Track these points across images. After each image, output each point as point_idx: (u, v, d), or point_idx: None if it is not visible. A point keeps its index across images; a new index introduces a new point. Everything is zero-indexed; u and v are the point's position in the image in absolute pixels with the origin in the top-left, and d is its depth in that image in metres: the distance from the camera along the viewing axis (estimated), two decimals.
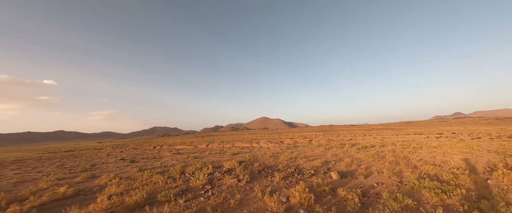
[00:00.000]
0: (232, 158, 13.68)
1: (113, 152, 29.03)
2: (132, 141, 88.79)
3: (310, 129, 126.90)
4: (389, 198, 4.72)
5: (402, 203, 4.45)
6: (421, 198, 4.89)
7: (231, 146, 28.71)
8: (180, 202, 5.01)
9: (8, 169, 15.50)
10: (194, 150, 25.06)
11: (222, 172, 8.29)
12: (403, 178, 6.66)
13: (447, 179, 6.11)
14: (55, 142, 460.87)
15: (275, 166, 9.44)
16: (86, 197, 6.10)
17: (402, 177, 6.72)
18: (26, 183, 9.12)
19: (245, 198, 5.32)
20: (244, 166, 9.22)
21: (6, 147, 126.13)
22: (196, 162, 10.40)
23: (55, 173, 11.54)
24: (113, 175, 8.55)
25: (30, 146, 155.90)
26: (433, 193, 4.79)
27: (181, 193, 5.83)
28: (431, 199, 4.68)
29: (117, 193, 6.00)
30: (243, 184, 6.53)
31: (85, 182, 8.20)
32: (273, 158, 11.95)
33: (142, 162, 15.19)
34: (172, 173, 8.32)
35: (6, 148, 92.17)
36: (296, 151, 15.90)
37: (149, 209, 4.47)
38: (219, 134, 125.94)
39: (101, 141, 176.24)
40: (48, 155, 30.59)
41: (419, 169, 7.71)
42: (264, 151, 18.16)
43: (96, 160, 18.39)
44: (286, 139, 35.47)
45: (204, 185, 6.56)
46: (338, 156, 11.73)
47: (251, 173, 8.07)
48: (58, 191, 6.22)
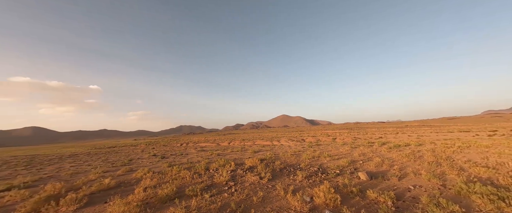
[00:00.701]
0: (253, 155, 13.84)
1: (146, 149, 32.01)
2: (162, 139, 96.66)
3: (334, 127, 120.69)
4: (429, 203, 4.21)
5: (446, 209, 3.92)
6: (470, 205, 4.25)
7: (252, 144, 29.07)
8: (206, 197, 5.27)
9: (66, 162, 18.35)
10: (216, 148, 26.09)
11: (244, 170, 8.45)
12: (446, 181, 5.88)
13: (505, 184, 5.19)
14: (100, 139, 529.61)
15: (297, 165, 9.24)
16: (126, 188, 6.85)
17: (445, 180, 5.93)
18: (79, 174, 10.68)
19: (268, 196, 5.33)
20: (265, 164, 9.25)
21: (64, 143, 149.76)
22: (219, 159, 10.80)
23: (101, 166, 13.24)
24: (147, 169, 9.43)
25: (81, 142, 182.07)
26: (487, 199, 4.11)
27: (207, 188, 6.13)
28: (484, 207, 4.02)
29: (151, 186, 6.60)
30: (265, 182, 6.55)
31: (125, 175, 9.22)
32: (294, 157, 11.72)
33: (171, 158, 16.42)
34: (197, 169, 8.80)
35: (64, 144, 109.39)
36: (319, 149, 15.31)
37: (179, 202, 4.80)
38: (240, 132, 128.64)
39: (136, 138, 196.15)
40: (95, 150, 35.29)
41: (467, 171, 6.71)
42: (285, 149, 17.93)
43: (132, 156, 20.53)
44: (308, 137, 34.42)
45: (228, 182, 6.78)
46: (366, 155, 10.92)
47: (273, 171, 8.05)
48: (104, 182, 7.12)
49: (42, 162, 19.59)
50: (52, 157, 25.54)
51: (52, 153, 33.42)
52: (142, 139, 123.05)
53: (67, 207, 4.99)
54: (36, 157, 26.29)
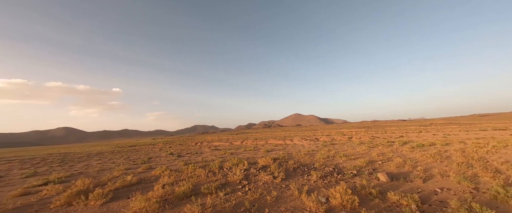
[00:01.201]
0: (266, 155, 13.82)
1: (164, 148, 33.55)
2: (177, 138, 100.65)
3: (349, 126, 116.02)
4: (460, 208, 3.86)
5: None
6: (509, 211, 3.82)
7: (265, 143, 29.05)
8: (220, 195, 5.37)
9: (93, 159, 19.91)
10: (230, 147, 26.50)
11: (257, 169, 8.47)
12: (479, 184, 5.35)
13: None
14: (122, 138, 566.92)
15: (311, 165, 9.04)
16: (146, 185, 7.24)
17: (478, 183, 5.40)
18: (105, 171, 11.51)
19: (282, 195, 5.28)
20: (278, 163, 9.18)
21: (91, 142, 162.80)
22: (233, 158, 10.94)
23: (123, 164, 14.14)
24: (164, 167, 9.88)
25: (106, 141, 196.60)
26: None
27: (221, 187, 6.25)
28: None
29: (169, 183, 6.90)
30: (278, 182, 6.51)
31: (145, 173, 9.75)
32: (308, 156, 11.48)
33: (186, 156, 17.02)
34: (212, 168, 9.01)
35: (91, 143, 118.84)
36: (334, 149, 14.83)
37: (195, 199, 4.96)
38: (253, 132, 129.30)
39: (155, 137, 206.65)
40: (118, 149, 37.81)
41: (504, 174, 6.04)
42: (299, 148, 17.64)
43: (151, 154, 21.64)
44: (322, 136, 33.52)
45: (241, 180, 6.84)
46: (386, 155, 10.34)
47: (286, 170, 7.96)
48: (126, 179, 7.60)
49: (73, 159, 21.49)
50: (81, 155, 27.90)
51: (81, 151, 36.51)
52: (159, 138, 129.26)
53: (95, 202, 5.41)
54: (68, 155, 28.92)
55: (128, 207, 4.92)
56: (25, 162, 21.26)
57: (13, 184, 9.10)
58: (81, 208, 5.15)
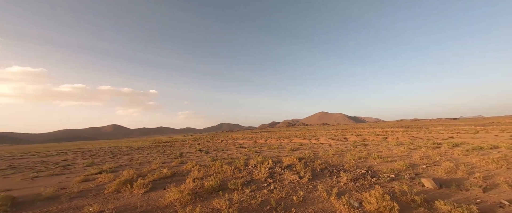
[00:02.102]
0: (291, 154, 13.55)
1: (193, 144, 35.99)
2: (205, 136, 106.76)
3: (384, 125, 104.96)
4: None
5: None
6: None
7: (289, 142, 28.53)
8: (247, 192, 5.48)
9: (135, 153, 22.60)
10: (254, 145, 26.85)
11: (282, 167, 8.37)
12: None
13: None
14: (158, 135, 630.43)
15: (340, 166, 8.49)
16: (179, 178, 7.87)
17: None
18: (145, 163, 12.94)
19: (309, 196, 5.09)
20: (304, 163, 8.90)
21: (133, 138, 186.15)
22: (257, 156, 11.05)
23: (160, 158, 15.67)
24: (194, 162, 10.58)
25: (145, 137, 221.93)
26: None
27: (247, 184, 6.37)
28: None
29: (199, 177, 7.35)
30: (305, 182, 6.30)
31: (177, 167, 10.61)
32: (337, 157, 10.83)
33: (213, 153, 17.90)
34: (237, 165, 9.26)
35: (133, 139, 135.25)
36: (366, 150, 13.65)
37: (222, 194, 5.16)
38: (276, 130, 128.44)
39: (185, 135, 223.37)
40: (155, 144, 42.13)
41: None
42: (325, 148, 16.80)
43: (183, 150, 23.46)
44: (352, 135, 31.19)
45: (266, 178, 6.85)
46: (431, 158, 9.04)
47: (313, 171, 7.65)
48: (163, 171, 8.39)
49: (120, 152, 24.81)
50: (126, 149, 32.00)
51: (126, 146, 41.88)
52: (189, 136, 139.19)
53: (138, 190, 6.12)
54: (116, 149, 33.53)
55: (164, 197, 5.42)
56: (85, 154, 25.49)
57: (77, 172, 10.99)
58: (127, 195, 5.90)
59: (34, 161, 19.01)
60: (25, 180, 9.48)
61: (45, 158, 22.69)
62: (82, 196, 6.12)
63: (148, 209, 4.78)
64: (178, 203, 4.95)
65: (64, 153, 29.77)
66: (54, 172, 11.38)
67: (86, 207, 4.98)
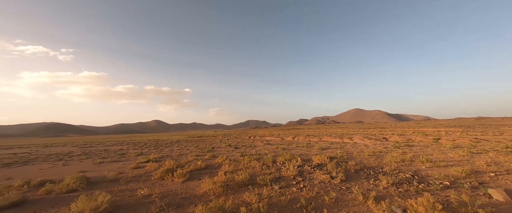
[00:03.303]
0: (321, 152, 12.96)
1: (223, 139, 37.98)
2: (233, 132, 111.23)
3: (435, 123, 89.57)
4: None
5: None
6: None
7: (318, 140, 27.28)
8: (276, 188, 5.52)
9: (174, 146, 25.22)
10: (281, 142, 26.65)
11: (312, 166, 8.10)
12: None
13: None
14: (192, 130, 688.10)
15: (379, 168, 7.70)
16: (212, 170, 8.47)
17: None
18: (182, 156, 14.34)
19: (342, 198, 4.81)
20: (336, 163, 8.40)
21: (172, 132, 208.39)
22: (285, 153, 10.95)
23: (194, 151, 17.11)
24: (225, 157, 11.18)
25: (181, 132, 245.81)
26: None
27: (275, 180, 6.41)
28: None
29: (229, 171, 7.76)
30: (337, 183, 5.96)
31: (210, 160, 11.40)
32: (374, 158, 9.86)
33: (242, 148, 18.54)
34: (265, 161, 9.38)
35: (172, 133, 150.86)
36: (411, 151, 11.98)
37: (252, 189, 5.34)
38: (304, 128, 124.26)
39: (216, 130, 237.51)
40: (190, 138, 46.14)
41: None
42: (361, 148, 15.45)
43: (214, 145, 25.04)
44: (393, 135, 27.77)
45: (295, 176, 6.75)
46: (503, 165, 7.35)
47: (346, 171, 7.17)
48: (197, 163, 9.16)
49: (161, 145, 28.10)
50: (167, 142, 36.01)
51: (166, 139, 47.15)
52: (219, 131, 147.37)
53: (178, 179, 6.86)
54: (158, 141, 38.11)
55: (200, 187, 5.93)
56: (135, 145, 29.78)
57: (130, 160, 12.97)
58: (169, 183, 6.68)
59: (100, 149, 23.25)
60: (94, 164, 11.72)
61: (107, 147, 27.49)
62: (135, 180, 7.21)
63: (187, 196, 5.32)
64: (212, 193, 5.35)
65: (120, 143, 35.46)
66: (114, 159, 13.70)
67: (138, 190, 5.87)
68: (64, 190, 5.94)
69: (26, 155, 18.94)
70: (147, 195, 5.43)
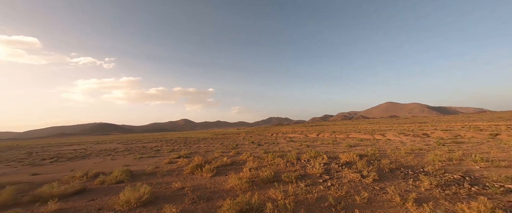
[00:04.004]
0: (349, 150, 12.21)
1: (246, 137, 38.79)
2: (256, 129, 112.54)
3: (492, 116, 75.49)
4: None
5: None
6: None
7: (346, 137, 25.72)
8: (301, 186, 5.42)
9: (201, 143, 26.78)
10: (305, 139, 25.95)
11: (339, 164, 7.70)
12: None
13: None
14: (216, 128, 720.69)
15: (419, 167, 6.91)
16: (237, 166, 8.75)
17: None
18: (209, 152, 15.14)
19: (375, 198, 4.47)
20: (367, 161, 7.82)
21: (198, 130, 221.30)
22: (310, 151, 10.64)
23: (220, 148, 17.90)
24: (249, 153, 11.42)
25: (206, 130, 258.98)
26: None
27: (301, 178, 6.29)
28: None
29: (254, 167, 7.91)
30: (369, 182, 5.55)
31: (235, 156, 11.79)
32: (413, 156, 8.87)
33: (265, 146, 18.67)
34: (289, 158, 9.28)
35: (198, 131, 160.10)
36: (460, 149, 10.40)
37: (277, 185, 5.35)
38: (329, 124, 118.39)
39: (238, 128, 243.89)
40: (215, 136, 48.37)
41: None
42: (395, 145, 14.06)
43: (237, 142, 25.77)
44: (435, 131, 24.47)
45: (322, 174, 6.52)
46: None
47: (379, 170, 6.62)
48: (223, 160, 9.57)
49: (190, 142, 30.13)
50: (194, 139, 38.46)
51: (193, 137, 50.35)
52: (242, 129, 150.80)
53: (206, 174, 7.29)
54: (187, 139, 40.94)
55: (227, 182, 6.20)
56: (167, 142, 32.56)
57: (164, 155, 14.25)
58: (199, 177, 7.15)
59: (139, 146, 26.11)
60: (135, 159, 13.22)
61: (144, 144, 30.70)
62: (169, 174, 7.92)
63: (215, 190, 5.62)
64: (238, 188, 5.54)
65: (154, 141, 39.24)
66: (151, 154, 15.24)
67: (173, 183, 6.43)
68: (114, 181, 6.87)
69: (83, 151, 22.48)
70: (180, 188, 5.92)
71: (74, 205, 4.98)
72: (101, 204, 4.92)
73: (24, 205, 5.02)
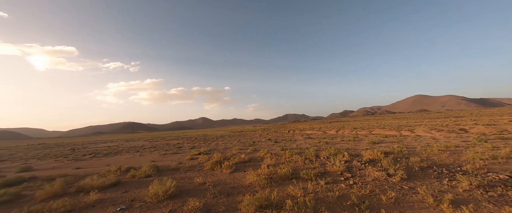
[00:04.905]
0: (372, 147, 11.54)
1: (263, 134, 38.92)
2: (272, 126, 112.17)
3: None
4: None
5: None
6: None
7: (368, 133, 24.27)
8: (321, 183, 5.30)
9: (219, 140, 27.62)
10: (323, 136, 25.12)
11: (362, 162, 7.33)
12: None
13: None
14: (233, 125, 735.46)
15: (456, 166, 6.24)
16: (255, 163, 8.86)
17: None
18: (227, 149, 15.56)
19: (404, 199, 4.17)
20: (393, 159, 7.31)
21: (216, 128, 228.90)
22: (329, 148, 10.29)
23: (237, 145, 18.27)
24: (266, 150, 11.47)
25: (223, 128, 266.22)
26: None
27: (320, 175, 6.14)
28: None
29: (272, 164, 7.94)
30: (396, 181, 5.19)
31: (252, 153, 11.94)
32: (448, 154, 8.05)
33: (282, 143, 18.54)
34: (308, 155, 9.09)
35: (216, 128, 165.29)
36: (508, 146, 9.11)
37: (296, 183, 5.30)
38: (350, 120, 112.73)
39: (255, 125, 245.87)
40: (232, 133, 49.45)
41: None
42: (427, 142, 12.88)
43: (254, 139, 26.02)
44: (475, 125, 21.75)
45: (343, 172, 6.27)
46: None
47: (408, 169, 6.14)
48: (241, 156, 9.77)
49: (209, 139, 31.29)
50: (213, 137, 39.81)
51: (212, 134, 52.15)
52: (258, 126, 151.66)
53: (226, 170, 7.53)
54: (206, 136, 42.57)
55: (245, 178, 6.33)
56: (188, 139, 34.23)
57: (185, 152, 15.05)
58: (219, 173, 7.42)
59: (163, 143, 27.93)
60: (160, 155, 14.19)
61: (167, 141, 32.74)
62: (191, 170, 8.35)
63: (235, 186, 5.78)
64: (257, 184, 5.62)
65: (176, 138, 41.57)
66: (174, 151, 16.21)
67: (195, 178, 6.78)
68: (143, 175, 7.49)
69: (115, 148, 24.82)
70: (202, 183, 6.21)
71: (111, 196, 5.56)
72: (133, 196, 5.41)
73: (71, 195, 5.75)
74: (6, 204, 5.36)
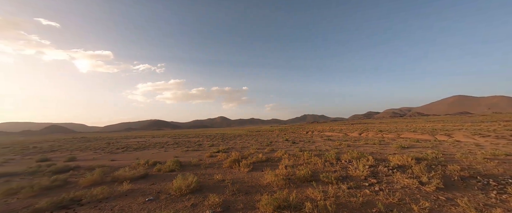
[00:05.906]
0: (401, 152, 10.61)
1: (280, 134, 38.55)
2: (290, 126, 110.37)
3: None
4: None
5: None
6: None
7: (396, 137, 22.34)
8: (343, 188, 5.04)
9: (237, 139, 28.13)
10: (345, 138, 23.87)
11: (389, 168, 6.78)
12: None
13: None
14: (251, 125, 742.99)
15: (507, 177, 5.40)
16: (272, 163, 8.83)
17: None
18: (244, 148, 15.77)
19: (440, 210, 3.75)
20: (426, 166, 6.61)
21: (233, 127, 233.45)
22: (351, 151, 9.74)
23: (254, 144, 18.40)
24: (283, 151, 11.33)
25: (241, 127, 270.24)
26: None
27: (342, 179, 5.85)
28: None
29: (289, 165, 7.82)
30: (430, 190, 4.69)
31: (269, 153, 11.91)
32: (496, 163, 7.01)
33: (300, 144, 18.12)
34: (328, 158, 8.74)
35: (233, 128, 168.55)
36: None
37: (316, 185, 5.14)
38: (375, 122, 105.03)
39: (272, 125, 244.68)
40: (249, 133, 49.98)
41: None
42: (468, 148, 11.38)
43: (271, 139, 25.92)
44: None
45: (367, 177, 5.89)
46: None
47: (445, 177, 5.50)
48: (259, 156, 9.82)
49: (227, 138, 32.10)
50: (231, 135, 40.76)
51: (230, 133, 53.36)
52: (275, 126, 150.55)
53: (244, 169, 7.65)
54: (224, 135, 43.76)
55: (263, 178, 6.35)
56: (207, 137, 35.58)
57: (205, 150, 15.67)
58: (237, 171, 7.57)
59: (184, 140, 29.51)
60: (183, 151, 15.02)
61: (189, 139, 34.48)
62: (210, 167, 8.68)
63: (253, 185, 5.84)
64: (275, 185, 5.60)
65: (197, 136, 43.54)
66: (194, 148, 17.00)
67: (214, 175, 7.03)
68: (167, 170, 8.02)
69: (143, 143, 27.01)
70: (221, 180, 6.41)
71: (140, 187, 6.08)
72: (159, 188, 5.84)
73: (107, 184, 6.43)
74: (57, 189, 6.23)
